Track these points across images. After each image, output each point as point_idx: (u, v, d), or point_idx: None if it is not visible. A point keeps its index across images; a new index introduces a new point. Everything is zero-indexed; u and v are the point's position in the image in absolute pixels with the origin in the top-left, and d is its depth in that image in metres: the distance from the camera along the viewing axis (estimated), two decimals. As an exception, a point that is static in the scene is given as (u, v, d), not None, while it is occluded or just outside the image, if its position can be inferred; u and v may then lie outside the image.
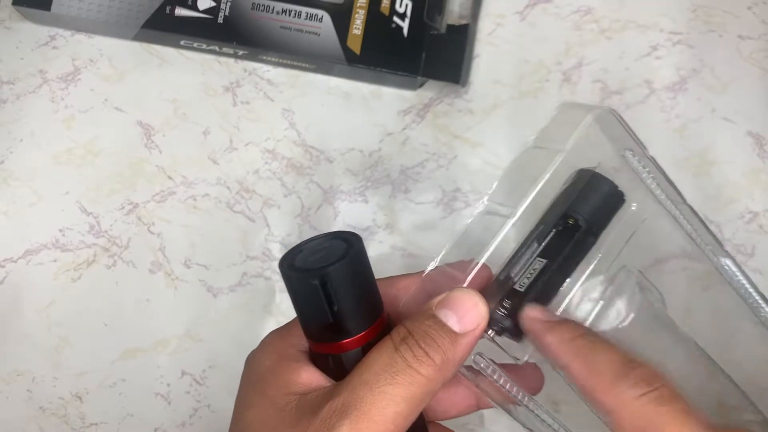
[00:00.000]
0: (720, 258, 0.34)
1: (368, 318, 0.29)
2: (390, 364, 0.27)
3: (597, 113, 0.29)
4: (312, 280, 0.27)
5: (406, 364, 0.27)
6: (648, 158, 0.32)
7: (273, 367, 0.30)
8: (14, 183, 0.47)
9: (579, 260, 0.31)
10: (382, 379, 0.26)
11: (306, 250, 0.29)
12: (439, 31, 0.46)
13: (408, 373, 0.26)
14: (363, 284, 0.29)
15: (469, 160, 0.47)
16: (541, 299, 0.30)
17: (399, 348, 0.27)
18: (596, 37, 0.47)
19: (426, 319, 0.28)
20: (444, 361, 0.27)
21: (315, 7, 0.46)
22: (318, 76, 0.48)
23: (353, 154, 0.47)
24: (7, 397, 0.46)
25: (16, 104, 0.48)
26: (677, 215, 0.33)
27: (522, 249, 0.31)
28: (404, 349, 0.27)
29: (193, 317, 0.47)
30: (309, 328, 0.29)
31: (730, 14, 0.47)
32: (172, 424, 0.46)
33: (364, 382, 0.26)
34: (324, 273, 0.27)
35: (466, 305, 0.28)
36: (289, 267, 0.28)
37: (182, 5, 0.45)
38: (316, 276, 0.27)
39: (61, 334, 0.46)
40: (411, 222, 0.47)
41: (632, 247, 0.32)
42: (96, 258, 0.47)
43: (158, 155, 0.48)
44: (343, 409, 0.26)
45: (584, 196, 0.31)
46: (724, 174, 0.46)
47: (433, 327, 0.27)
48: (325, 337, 0.29)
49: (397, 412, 0.26)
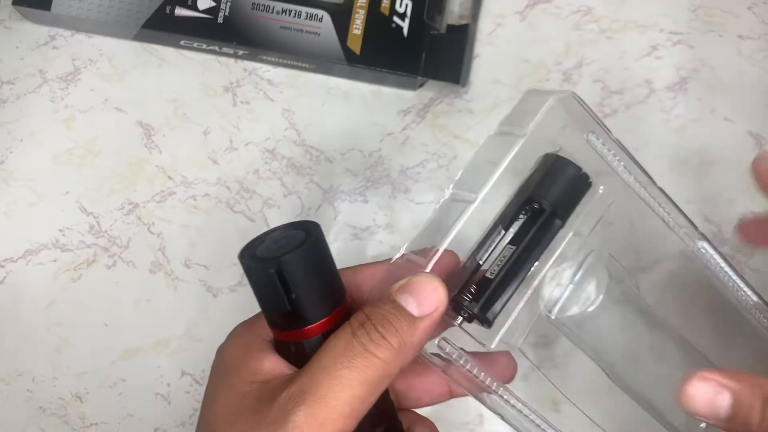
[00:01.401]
0: (696, 241, 0.34)
1: (328, 305, 0.29)
2: (347, 348, 0.27)
3: (559, 97, 0.29)
4: (269, 268, 0.28)
5: (363, 348, 0.27)
6: (613, 140, 0.31)
7: (239, 357, 0.30)
8: (14, 183, 0.47)
9: (546, 244, 0.31)
10: (339, 364, 0.27)
11: (267, 240, 0.30)
12: (439, 31, 0.46)
13: (365, 356, 0.27)
14: (321, 272, 0.29)
15: (469, 160, 0.47)
16: (509, 284, 0.30)
17: (356, 333, 0.27)
18: (596, 37, 0.47)
19: (385, 304, 0.28)
20: (401, 344, 0.27)
21: (315, 7, 0.46)
22: (318, 76, 0.48)
23: (353, 154, 0.47)
24: (7, 397, 0.46)
25: (16, 104, 0.48)
26: (647, 198, 0.32)
27: (489, 235, 0.31)
28: (361, 333, 0.27)
29: (193, 317, 0.47)
30: (271, 317, 0.30)
31: (730, 14, 0.47)
32: (172, 424, 0.46)
33: (322, 367, 0.27)
34: (280, 261, 0.28)
35: (426, 289, 0.28)
36: (249, 257, 0.29)
37: (182, 5, 0.45)
38: (272, 264, 0.28)
39: (61, 334, 0.46)
40: (411, 222, 0.47)
41: (603, 232, 0.32)
42: (96, 258, 0.47)
43: (158, 155, 0.48)
44: (300, 395, 0.26)
45: (548, 179, 0.31)
46: (724, 174, 0.46)
47: (392, 311, 0.28)
48: (286, 325, 0.29)
49: (353, 396, 0.26)
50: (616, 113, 0.47)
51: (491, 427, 0.45)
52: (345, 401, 0.26)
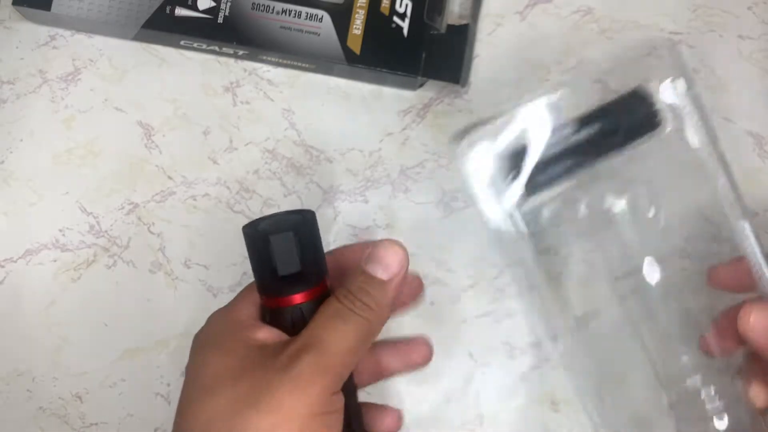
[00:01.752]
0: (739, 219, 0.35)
1: (323, 273, 0.34)
2: (338, 310, 0.32)
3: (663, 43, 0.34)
4: (287, 231, 0.32)
5: (351, 311, 0.32)
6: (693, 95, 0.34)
7: (226, 331, 0.33)
8: (14, 183, 0.48)
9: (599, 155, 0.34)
10: (335, 321, 0.31)
11: (267, 219, 0.33)
12: (439, 31, 0.46)
13: (353, 317, 0.32)
14: (319, 242, 0.34)
15: (469, 160, 0.47)
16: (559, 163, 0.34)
17: (343, 301, 0.32)
18: (596, 37, 0.47)
19: (359, 275, 0.33)
20: (379, 305, 0.32)
21: (315, 7, 0.46)
22: (318, 76, 0.48)
23: (353, 154, 0.47)
24: (7, 397, 0.46)
25: (16, 104, 0.48)
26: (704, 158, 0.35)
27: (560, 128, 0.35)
28: (347, 302, 0.32)
29: (193, 317, 0.47)
30: (271, 283, 0.33)
31: (730, 14, 0.47)
32: (172, 424, 0.46)
33: (320, 325, 0.31)
34: (296, 223, 0.33)
35: (388, 254, 0.33)
36: (262, 226, 0.33)
37: (182, 5, 0.45)
38: (289, 227, 0.32)
39: (61, 334, 0.47)
40: (411, 222, 0.47)
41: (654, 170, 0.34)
42: (96, 258, 0.47)
43: (158, 155, 0.48)
44: (304, 347, 0.30)
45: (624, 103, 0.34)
46: (724, 174, 0.46)
47: (365, 281, 0.33)
48: (286, 289, 0.33)
49: (350, 348, 0.31)
50: (616, 113, 0.47)
51: (491, 427, 0.45)
52: (344, 350, 0.31)
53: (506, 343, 0.45)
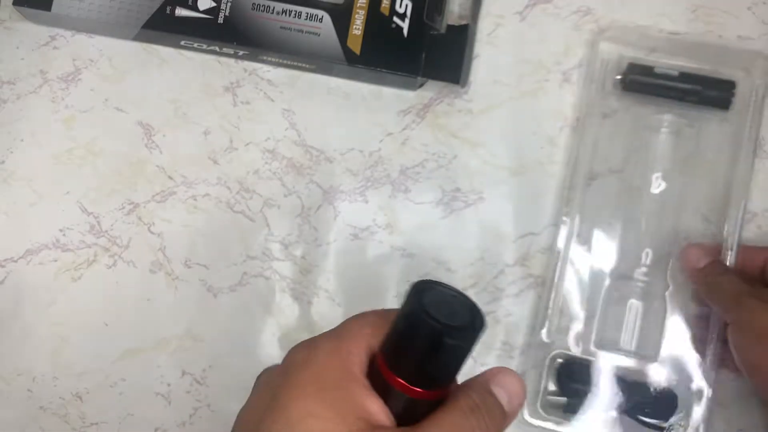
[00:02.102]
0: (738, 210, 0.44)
1: (450, 379, 0.31)
2: (460, 426, 0.30)
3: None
4: (463, 343, 0.29)
5: (472, 430, 0.30)
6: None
7: (341, 384, 0.30)
8: (15, 183, 0.48)
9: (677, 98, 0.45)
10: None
11: (435, 293, 0.30)
12: (439, 31, 0.46)
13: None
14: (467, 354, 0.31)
15: (469, 160, 0.47)
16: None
17: (469, 416, 0.30)
18: (596, 37, 0.47)
19: (488, 394, 0.31)
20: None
21: (315, 7, 0.46)
22: (318, 77, 0.48)
23: (353, 154, 0.47)
24: (7, 397, 0.46)
25: (16, 104, 0.48)
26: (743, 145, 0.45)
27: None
28: (475, 417, 0.30)
29: (193, 317, 0.47)
30: (404, 365, 0.30)
31: (730, 14, 0.47)
32: (172, 424, 0.46)
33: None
34: (474, 339, 0.29)
35: (515, 387, 0.31)
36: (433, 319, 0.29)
37: (182, 5, 0.46)
38: (468, 340, 0.29)
39: (61, 334, 0.47)
40: (411, 222, 0.47)
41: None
42: (96, 258, 0.47)
43: (158, 155, 0.48)
44: None
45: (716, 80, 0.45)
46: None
47: (494, 404, 0.31)
48: (415, 380, 0.30)
49: None
50: (616, 113, 0.47)
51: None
52: None
53: (506, 343, 0.45)
